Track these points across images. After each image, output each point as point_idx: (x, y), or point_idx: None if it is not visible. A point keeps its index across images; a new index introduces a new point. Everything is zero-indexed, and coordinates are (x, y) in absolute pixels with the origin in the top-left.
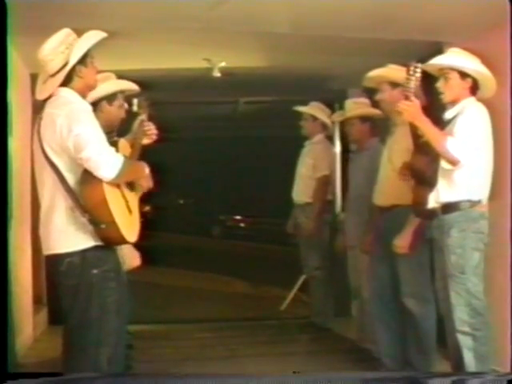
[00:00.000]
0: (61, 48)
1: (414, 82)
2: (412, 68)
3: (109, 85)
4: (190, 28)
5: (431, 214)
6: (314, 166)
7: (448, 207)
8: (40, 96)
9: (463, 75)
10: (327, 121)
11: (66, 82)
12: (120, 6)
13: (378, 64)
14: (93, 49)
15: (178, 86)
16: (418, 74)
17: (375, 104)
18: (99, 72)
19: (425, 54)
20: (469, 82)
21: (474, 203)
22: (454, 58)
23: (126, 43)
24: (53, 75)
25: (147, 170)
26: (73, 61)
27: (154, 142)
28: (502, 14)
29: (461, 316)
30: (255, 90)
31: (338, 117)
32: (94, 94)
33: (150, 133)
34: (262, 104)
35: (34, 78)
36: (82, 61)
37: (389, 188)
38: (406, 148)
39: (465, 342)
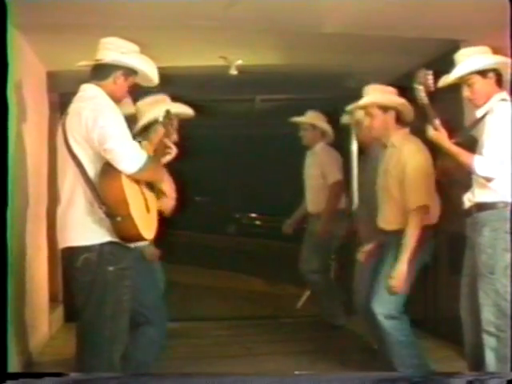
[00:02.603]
0: (123, 49)
1: (425, 89)
2: (422, 75)
3: (164, 107)
4: (206, 26)
5: (464, 213)
6: (323, 175)
7: (482, 206)
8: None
9: (484, 74)
10: (327, 127)
11: (99, 77)
12: (136, 5)
13: (395, 62)
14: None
15: (195, 84)
16: (430, 81)
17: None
18: None
19: (441, 52)
20: (492, 77)
21: (507, 204)
22: (470, 61)
23: (140, 42)
24: (97, 60)
25: (165, 177)
26: (117, 61)
27: (174, 159)
28: None
29: (487, 316)
30: (272, 87)
31: (347, 119)
32: (150, 116)
33: (170, 152)
34: (278, 102)
35: (50, 76)
36: (127, 73)
37: (389, 214)
38: (401, 173)
39: (489, 342)
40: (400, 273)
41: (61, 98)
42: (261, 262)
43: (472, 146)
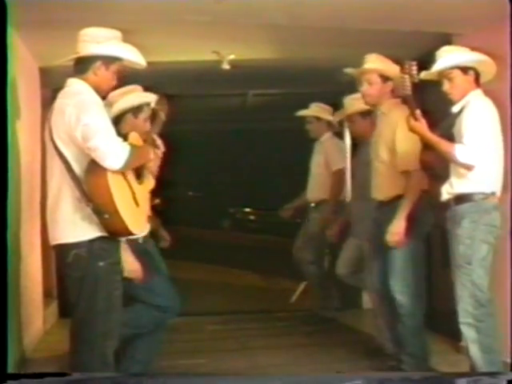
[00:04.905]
0: (99, 39)
1: (410, 79)
2: (407, 66)
3: (134, 97)
4: (199, 21)
5: (445, 206)
6: (326, 163)
7: (461, 198)
8: (55, 61)
9: (465, 70)
10: (331, 119)
11: (81, 71)
12: (128, 1)
13: (389, 55)
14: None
15: (187, 79)
16: (414, 72)
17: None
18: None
19: (434, 46)
20: (471, 74)
21: (487, 195)
22: (453, 56)
23: (133, 37)
24: (77, 52)
25: (152, 154)
26: (93, 52)
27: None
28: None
29: (465, 307)
30: (264, 82)
31: (337, 116)
32: (120, 106)
33: (158, 152)
34: (271, 96)
35: (42, 72)
36: (106, 62)
37: (383, 181)
38: (391, 139)
39: (469, 334)
40: (398, 227)
41: (54, 93)
42: (255, 257)
43: (449, 140)
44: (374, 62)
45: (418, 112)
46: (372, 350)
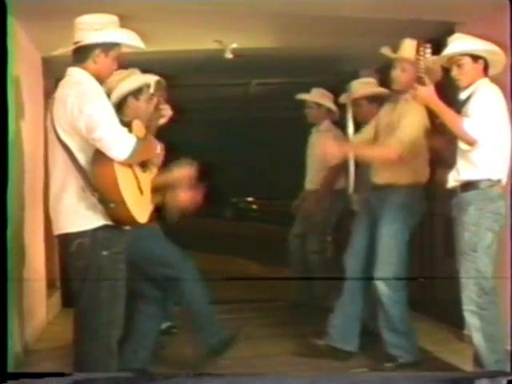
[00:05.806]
0: (96, 26)
1: (424, 62)
2: (422, 48)
3: (133, 80)
4: (201, 10)
5: (451, 193)
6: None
7: (467, 185)
8: (53, 52)
9: (475, 58)
10: (332, 106)
11: (80, 60)
12: None
13: (390, 45)
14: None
15: (190, 68)
16: (428, 54)
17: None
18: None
19: (436, 34)
20: (481, 63)
21: (493, 183)
22: (464, 43)
23: (136, 26)
24: (76, 43)
25: (159, 149)
26: (91, 40)
27: (169, 122)
28: None
29: (469, 294)
30: (267, 71)
31: (344, 99)
32: (120, 91)
33: (165, 113)
34: (273, 85)
35: (45, 62)
36: (105, 49)
37: (381, 167)
38: (397, 120)
39: (473, 322)
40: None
41: (56, 83)
42: (258, 246)
43: None
44: (411, 52)
45: (426, 79)
46: (372, 338)
